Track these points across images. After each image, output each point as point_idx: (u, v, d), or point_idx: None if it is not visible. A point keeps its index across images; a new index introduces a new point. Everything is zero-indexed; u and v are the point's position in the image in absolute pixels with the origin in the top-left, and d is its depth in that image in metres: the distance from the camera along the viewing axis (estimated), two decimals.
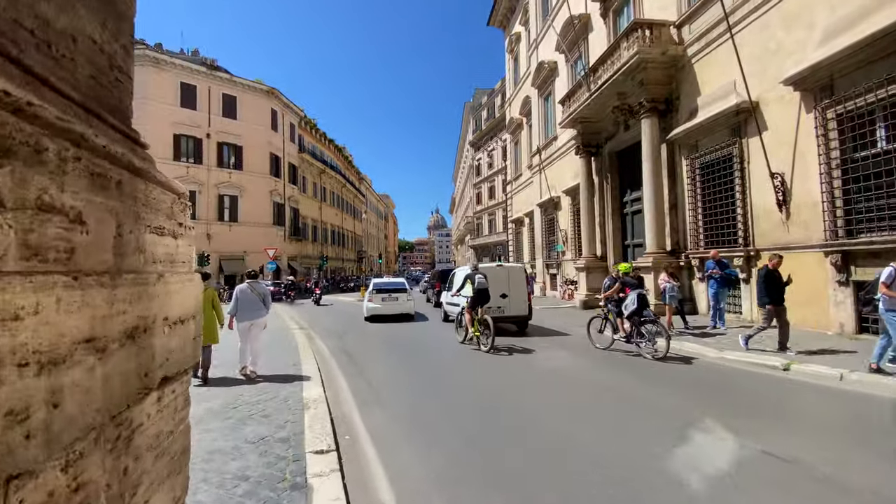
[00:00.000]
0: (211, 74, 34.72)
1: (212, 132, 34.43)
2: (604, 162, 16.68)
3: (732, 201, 10.29)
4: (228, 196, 34.90)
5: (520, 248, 30.36)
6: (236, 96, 36.16)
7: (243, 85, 36.60)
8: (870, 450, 3.51)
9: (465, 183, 71.11)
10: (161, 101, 31.97)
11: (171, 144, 32.37)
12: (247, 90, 36.83)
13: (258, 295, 6.86)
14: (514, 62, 31.46)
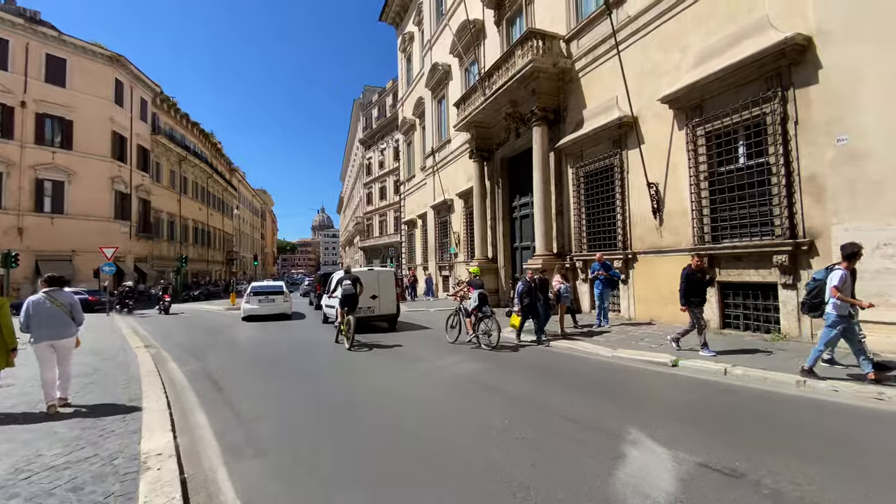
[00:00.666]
0: (30, 28, 27.44)
1: (29, 100, 27.25)
2: (496, 167, 17.03)
3: (613, 208, 11.08)
4: (51, 181, 27.91)
5: (412, 250, 29.92)
6: (66, 59, 29.24)
7: (76, 46, 29.74)
8: (750, 439, 3.60)
9: (354, 182, 68.66)
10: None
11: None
12: (82, 54, 30.01)
13: (61, 307, 5.10)
14: (407, 62, 31.01)
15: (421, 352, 8.76)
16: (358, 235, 61.50)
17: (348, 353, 8.73)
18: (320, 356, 8.77)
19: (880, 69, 6.01)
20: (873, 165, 6.09)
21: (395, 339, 10.28)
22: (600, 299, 9.81)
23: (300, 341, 10.92)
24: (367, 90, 59.15)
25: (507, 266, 16.61)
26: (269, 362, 8.26)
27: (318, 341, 10.71)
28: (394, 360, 8.04)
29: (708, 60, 8.40)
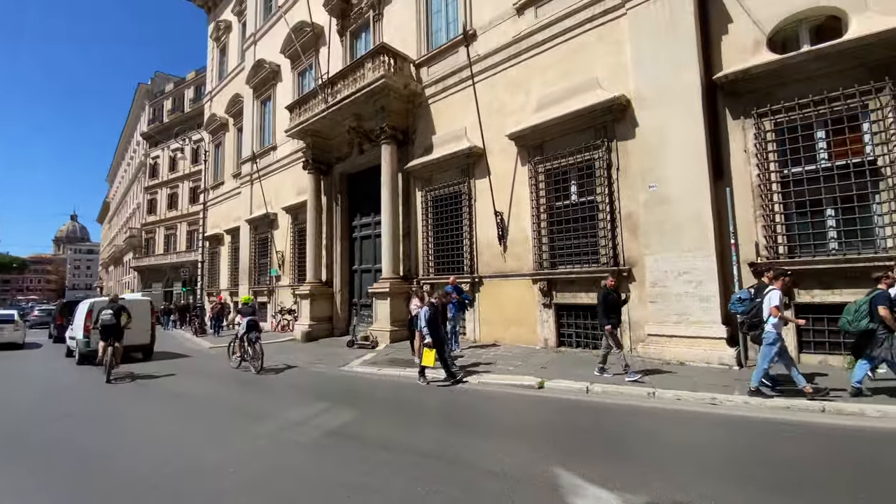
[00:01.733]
0: None
1: None
2: (334, 182, 15.78)
3: (461, 233, 11.33)
4: None
5: (216, 270, 25.18)
6: None
7: None
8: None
9: (130, 185, 55.08)
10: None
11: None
12: None
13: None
14: (221, 53, 26.98)
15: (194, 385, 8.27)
16: (131, 252, 49.05)
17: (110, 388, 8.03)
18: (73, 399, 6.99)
19: (678, 133, 7.66)
20: (674, 209, 7.64)
21: (153, 369, 10.08)
22: (452, 323, 9.68)
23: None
24: (159, 77, 49.22)
25: (345, 290, 15.31)
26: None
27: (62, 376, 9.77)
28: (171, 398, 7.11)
29: (548, 107, 9.46)
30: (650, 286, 7.87)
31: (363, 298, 14.88)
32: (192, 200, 40.73)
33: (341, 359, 10.10)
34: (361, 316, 14.83)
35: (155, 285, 42.85)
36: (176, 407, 6.57)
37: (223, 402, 6.79)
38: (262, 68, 19.95)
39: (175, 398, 7.17)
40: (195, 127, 41.21)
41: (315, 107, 14.60)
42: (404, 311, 12.06)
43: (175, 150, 43.16)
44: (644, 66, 8.19)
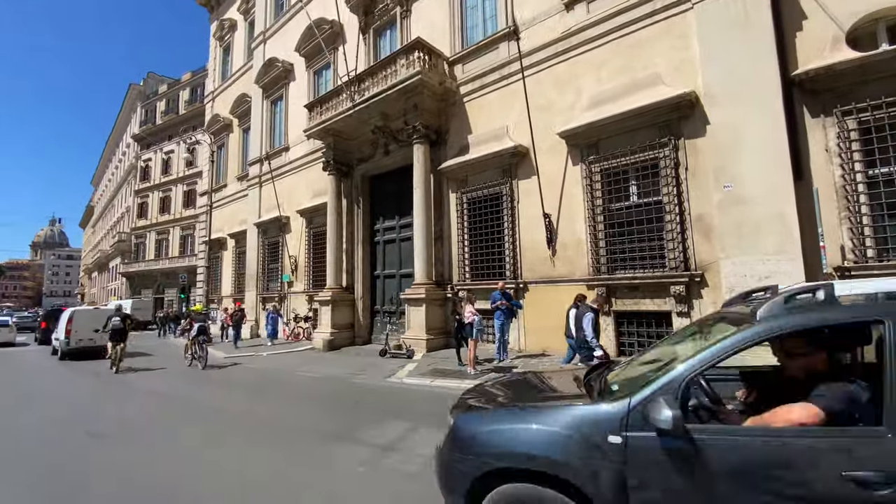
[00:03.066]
0: None
1: None
2: (355, 184, 15.15)
3: (501, 236, 10.81)
4: None
5: (217, 277, 24.18)
6: None
7: None
8: None
9: (118, 188, 53.40)
10: None
11: None
12: None
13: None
14: (224, 52, 26.22)
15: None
16: (119, 257, 47.33)
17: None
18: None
19: (755, 131, 7.29)
20: (753, 210, 7.24)
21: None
22: (501, 331, 9.10)
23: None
24: (153, 78, 47.98)
25: (366, 297, 14.62)
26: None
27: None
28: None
29: (604, 104, 9.05)
30: (727, 291, 7.42)
31: (387, 305, 14.24)
32: (187, 204, 39.49)
33: (379, 369, 9.44)
34: (385, 323, 14.17)
35: (145, 292, 41.31)
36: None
37: (280, 421, 6.11)
38: (274, 67, 19.30)
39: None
40: (190, 129, 40.12)
41: (338, 105, 14.01)
42: (440, 318, 11.52)
43: (168, 152, 42.01)
44: (714, 62, 7.83)
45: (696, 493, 1.84)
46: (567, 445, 2.06)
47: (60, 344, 14.78)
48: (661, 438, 1.88)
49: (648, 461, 1.90)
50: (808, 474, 1.72)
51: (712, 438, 1.86)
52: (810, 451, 1.74)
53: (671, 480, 1.87)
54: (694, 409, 2.07)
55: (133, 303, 33.47)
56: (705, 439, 1.85)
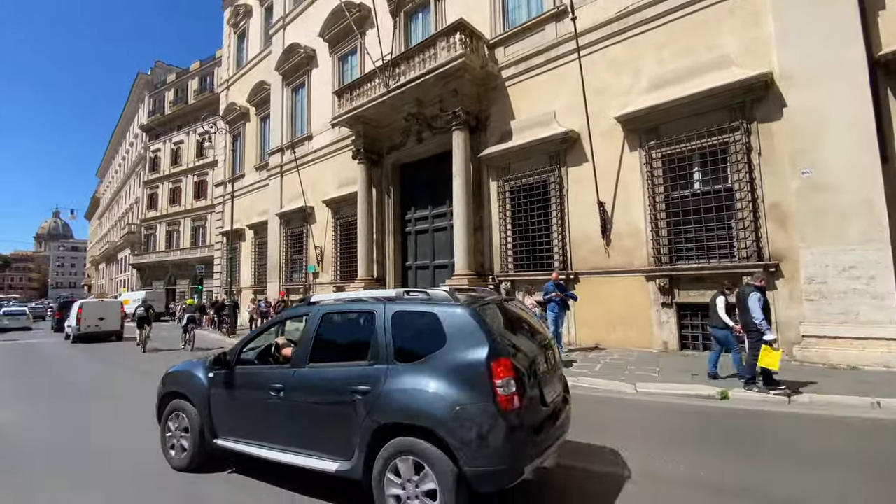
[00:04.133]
0: None
1: None
2: (385, 173, 14.79)
3: (549, 226, 10.47)
4: None
5: (235, 267, 23.88)
6: None
7: None
8: None
9: (126, 179, 53.03)
10: None
11: None
12: None
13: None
14: (239, 40, 25.73)
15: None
16: (129, 248, 47.09)
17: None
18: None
19: (839, 113, 6.92)
20: (835, 197, 6.89)
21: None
22: (555, 324, 8.80)
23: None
24: (160, 67, 47.40)
25: (398, 288, 14.31)
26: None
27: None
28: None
29: (666, 87, 8.66)
30: (806, 282, 7.11)
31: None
32: (198, 195, 39.14)
33: None
34: None
35: (156, 283, 41.11)
36: None
37: None
38: (295, 53, 18.83)
39: None
40: (201, 119, 39.64)
41: (370, 91, 13.60)
42: None
43: (178, 142, 41.56)
44: (791, 41, 7.43)
45: (233, 391, 3.94)
46: (190, 380, 4.27)
47: (72, 330, 17.17)
48: (224, 372, 4.02)
49: (218, 381, 4.03)
50: (264, 384, 3.68)
51: (243, 374, 3.96)
52: (267, 372, 3.83)
53: (226, 389, 3.98)
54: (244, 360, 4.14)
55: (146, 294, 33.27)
56: (241, 370, 3.99)
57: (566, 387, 3.78)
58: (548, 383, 3.29)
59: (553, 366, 3.53)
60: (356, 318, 3.63)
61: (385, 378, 3.06)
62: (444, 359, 2.95)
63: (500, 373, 2.78)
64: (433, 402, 2.84)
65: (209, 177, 38.12)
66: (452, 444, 2.72)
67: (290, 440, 3.50)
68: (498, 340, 2.95)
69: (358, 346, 3.38)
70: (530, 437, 2.88)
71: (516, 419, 2.77)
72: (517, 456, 2.77)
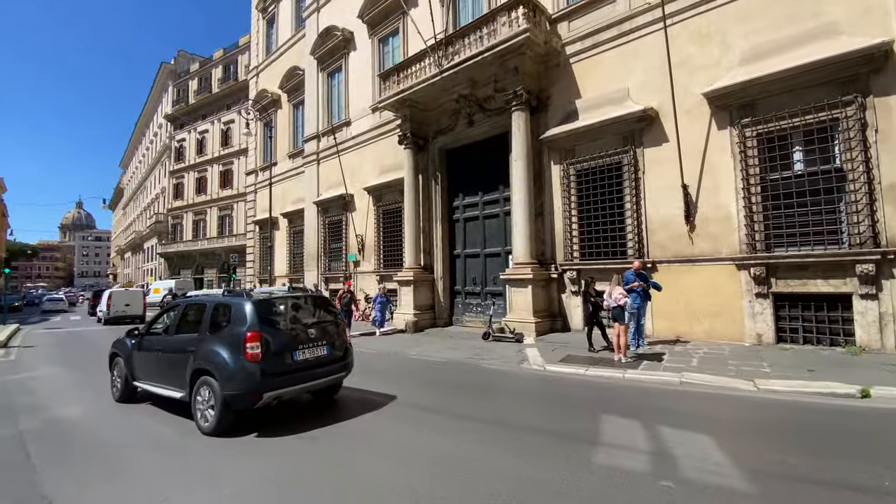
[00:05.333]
0: None
1: None
2: (432, 159, 14.31)
3: (621, 211, 9.92)
4: None
5: (268, 256, 23.80)
6: None
7: None
8: None
9: (151, 169, 53.55)
10: None
11: None
12: None
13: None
14: (269, 25, 25.30)
15: None
16: (156, 238, 47.69)
17: None
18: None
19: None
20: None
21: None
22: (637, 316, 8.29)
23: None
24: (183, 57, 47.36)
25: (446, 277, 13.95)
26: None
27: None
28: None
29: (761, 59, 7.97)
30: None
31: (469, 286, 13.56)
32: (223, 185, 39.21)
33: (497, 354, 8.75)
34: (467, 305, 13.53)
35: (184, 272, 41.53)
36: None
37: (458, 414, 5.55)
38: (332, 36, 18.33)
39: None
40: (225, 108, 39.54)
41: (420, 73, 13.08)
42: (544, 299, 10.79)
43: (203, 132, 41.60)
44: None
45: (141, 351, 6.00)
46: (122, 345, 6.38)
47: (103, 314, 20.64)
48: (138, 339, 6.16)
49: (134, 345, 6.16)
50: (152, 346, 5.92)
51: (146, 340, 6.03)
52: (154, 339, 6.00)
53: (138, 350, 6.05)
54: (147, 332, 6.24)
55: (176, 283, 33.61)
56: (146, 339, 6.06)
57: (346, 351, 5.72)
58: (303, 349, 5.13)
59: (316, 339, 5.30)
60: (198, 307, 5.67)
61: (201, 342, 5.16)
62: (229, 331, 4.98)
63: (249, 339, 4.72)
64: (217, 355, 4.86)
65: (234, 166, 38.12)
66: (219, 379, 4.70)
67: (163, 380, 5.62)
68: (256, 322, 4.86)
69: (196, 323, 5.51)
70: (268, 379, 4.73)
71: (256, 367, 4.69)
72: (253, 387, 4.66)
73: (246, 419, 4.92)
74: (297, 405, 5.77)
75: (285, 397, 5.14)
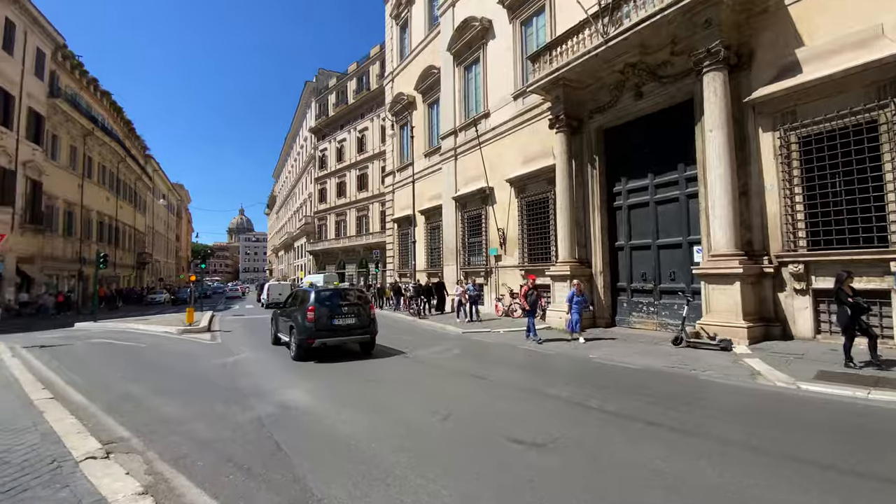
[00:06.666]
0: None
1: None
2: (587, 141, 13.01)
3: (878, 184, 7.54)
4: None
5: (405, 251, 24.81)
6: None
7: None
8: None
9: (299, 178, 60.83)
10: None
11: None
12: None
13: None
14: (402, 30, 26.22)
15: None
16: (305, 237, 53.93)
17: None
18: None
19: None
20: None
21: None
22: None
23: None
24: (322, 74, 52.61)
25: (606, 272, 12.56)
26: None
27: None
28: None
29: None
30: None
31: (636, 282, 11.97)
32: (360, 188, 42.45)
33: (707, 364, 7.21)
34: (635, 304, 11.95)
35: (328, 267, 46.21)
36: None
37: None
38: (469, 28, 18.05)
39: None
40: (359, 117, 42.76)
41: (576, 47, 11.90)
42: (754, 300, 8.82)
43: (341, 140, 45.64)
44: None
45: (278, 318, 10.96)
46: (274, 314, 11.56)
47: (264, 300, 28.94)
48: (277, 311, 11.32)
49: (276, 314, 11.23)
50: (282, 314, 10.68)
51: (280, 311, 10.89)
52: (283, 310, 10.72)
53: (279, 317, 10.85)
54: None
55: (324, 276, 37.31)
56: (279, 310, 11.13)
57: (371, 322, 9.53)
58: (339, 318, 9.09)
59: (347, 313, 9.23)
60: (296, 294, 10.80)
61: (294, 311, 9.52)
62: (303, 306, 9.21)
63: (309, 310, 8.87)
64: (297, 318, 9.16)
65: (368, 170, 41.03)
66: (296, 330, 9.02)
67: (284, 332, 9.97)
68: (314, 301, 9.08)
69: (294, 302, 10.14)
70: (317, 332, 8.79)
71: (312, 325, 8.80)
72: (310, 335, 8.77)
73: (316, 354, 9.11)
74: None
75: (329, 345, 9.16)
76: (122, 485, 3.25)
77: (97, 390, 6.74)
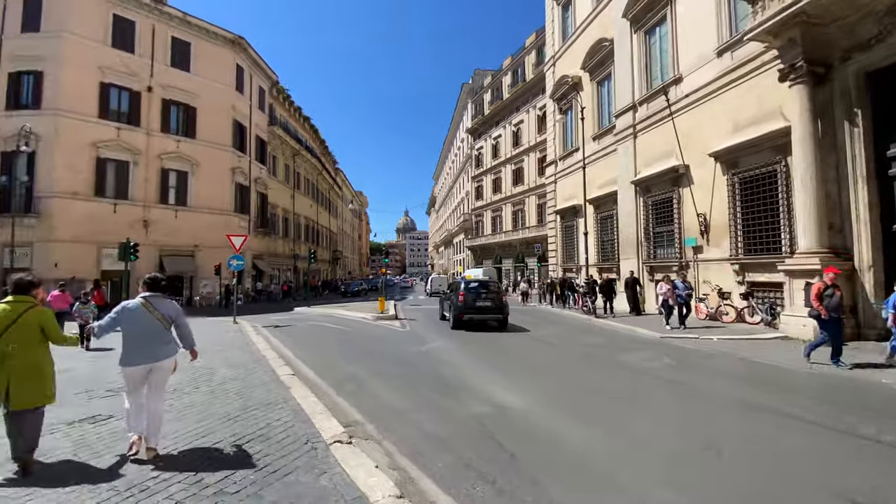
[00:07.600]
0: (156, 9, 25.56)
1: (155, 85, 25.26)
2: (842, 92, 9.76)
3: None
4: (175, 171, 25.76)
5: (572, 244, 23.28)
6: (190, 42, 27.15)
7: (200, 28, 27.61)
8: None
9: (457, 177, 63.76)
10: (84, 37, 22.76)
11: (95, 96, 23.04)
12: (205, 36, 27.85)
13: (161, 320, 3.69)
14: (563, 10, 24.63)
15: None
16: (463, 234, 56.21)
17: None
18: None
19: None
20: None
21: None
22: None
23: None
24: (478, 74, 53.83)
25: (878, 266, 9.25)
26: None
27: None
28: None
29: None
30: None
31: None
32: (515, 182, 42.06)
33: None
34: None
35: (486, 262, 47.17)
36: None
37: None
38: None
39: None
40: (514, 110, 42.31)
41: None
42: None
43: (496, 137, 45.93)
44: None
45: (444, 301, 16.13)
46: (441, 299, 16.85)
47: (428, 290, 37.33)
48: (443, 296, 17.27)
49: (444, 299, 16.14)
50: (446, 298, 16.15)
51: (444, 296, 16.47)
52: (446, 296, 16.38)
53: (444, 300, 15.79)
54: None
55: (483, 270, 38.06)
56: (444, 295, 16.77)
57: (503, 306, 13.11)
58: (480, 301, 12.92)
59: (485, 298, 13.04)
60: (451, 284, 17.94)
61: (450, 296, 14.34)
62: (455, 292, 13.57)
63: (461, 295, 12.98)
64: (452, 300, 13.59)
65: (524, 163, 40.29)
66: (452, 307, 13.55)
67: (447, 310, 14.67)
68: (464, 288, 13.29)
69: (451, 289, 15.43)
70: (465, 310, 12.73)
71: (462, 305, 12.80)
72: (461, 311, 12.77)
73: (465, 325, 12.71)
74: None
75: (475, 321, 12.72)
76: (377, 480, 3.15)
77: (324, 369, 7.57)
